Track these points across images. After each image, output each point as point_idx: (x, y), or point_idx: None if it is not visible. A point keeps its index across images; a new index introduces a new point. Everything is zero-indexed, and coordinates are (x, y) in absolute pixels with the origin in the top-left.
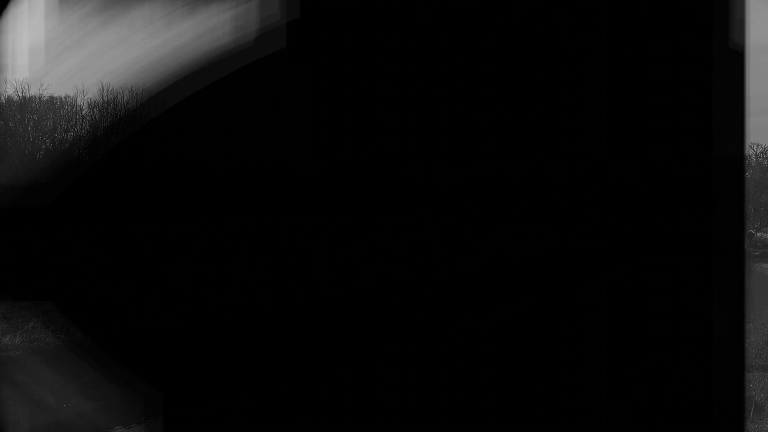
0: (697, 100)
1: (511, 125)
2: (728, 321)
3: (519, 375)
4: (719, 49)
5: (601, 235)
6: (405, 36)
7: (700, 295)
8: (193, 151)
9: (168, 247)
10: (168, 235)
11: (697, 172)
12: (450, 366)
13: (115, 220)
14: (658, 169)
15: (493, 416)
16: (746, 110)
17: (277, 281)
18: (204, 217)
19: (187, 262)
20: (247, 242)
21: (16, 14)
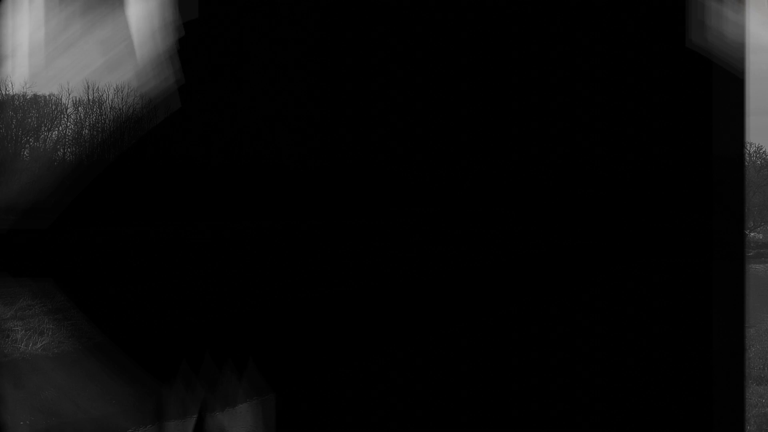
0: (696, 100)
1: (511, 126)
2: (728, 320)
3: (518, 375)
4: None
5: (601, 235)
6: (407, 37)
7: (699, 294)
8: (194, 155)
9: (171, 247)
10: (171, 236)
11: (696, 172)
12: (450, 365)
13: (121, 222)
14: (658, 169)
15: (492, 416)
16: (746, 110)
17: (280, 281)
18: (205, 219)
19: (189, 262)
20: (248, 243)
21: (4, 13)
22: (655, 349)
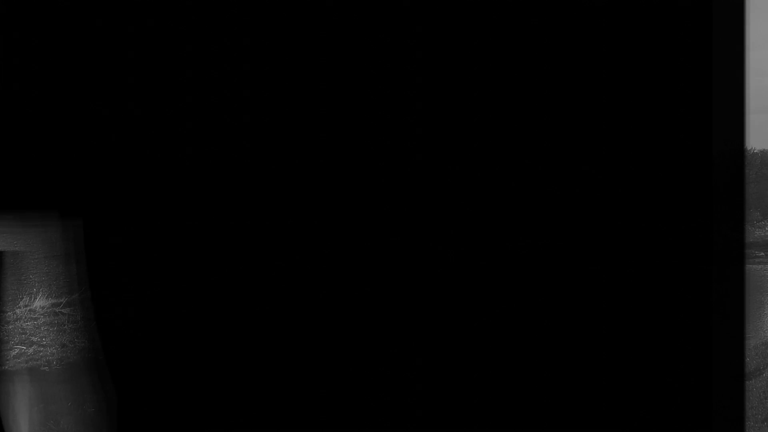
0: (696, 98)
1: (508, 124)
2: (728, 323)
3: (518, 375)
4: (720, 46)
5: (601, 235)
6: (407, 37)
7: (699, 298)
8: (190, 152)
9: (166, 246)
10: (167, 234)
11: (696, 172)
12: (450, 365)
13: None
14: (656, 169)
15: (492, 416)
16: (746, 109)
17: (277, 281)
18: (202, 217)
19: (184, 262)
20: (245, 242)
21: None
22: (654, 352)
